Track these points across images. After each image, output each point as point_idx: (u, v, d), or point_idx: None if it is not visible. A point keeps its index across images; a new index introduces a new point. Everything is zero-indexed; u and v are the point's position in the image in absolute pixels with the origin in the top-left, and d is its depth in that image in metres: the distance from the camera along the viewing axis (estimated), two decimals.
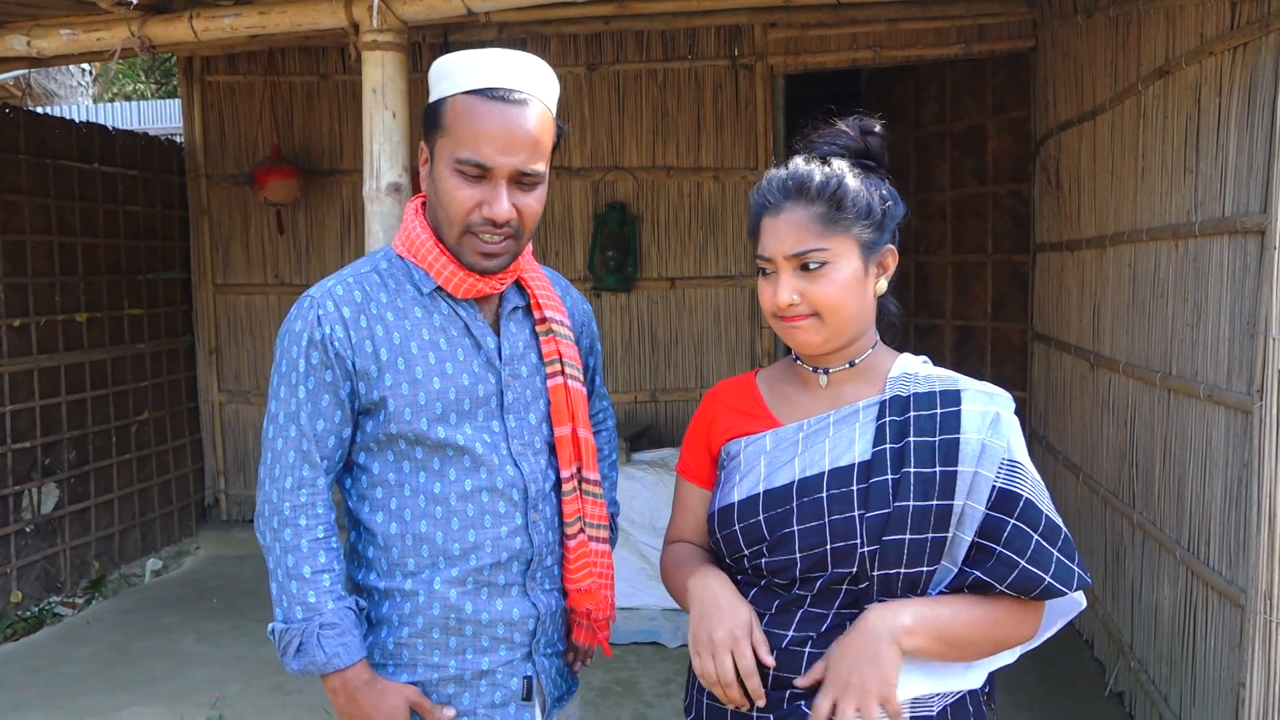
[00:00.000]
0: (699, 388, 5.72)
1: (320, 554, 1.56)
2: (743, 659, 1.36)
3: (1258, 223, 2.43)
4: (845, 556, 1.37)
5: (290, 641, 1.54)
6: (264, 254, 5.91)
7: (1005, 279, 5.69)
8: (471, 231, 1.53)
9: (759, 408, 1.55)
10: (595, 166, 5.65)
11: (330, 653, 1.52)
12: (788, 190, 1.43)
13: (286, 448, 1.55)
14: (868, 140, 1.49)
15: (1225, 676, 2.66)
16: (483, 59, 1.52)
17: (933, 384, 1.43)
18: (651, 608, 4.40)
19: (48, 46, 3.20)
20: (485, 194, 1.51)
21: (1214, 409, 2.73)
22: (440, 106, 1.54)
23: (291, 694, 3.88)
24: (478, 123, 1.49)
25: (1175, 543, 3.02)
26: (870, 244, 1.43)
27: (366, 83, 2.94)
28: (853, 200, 1.41)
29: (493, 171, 1.50)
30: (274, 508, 1.56)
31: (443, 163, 1.52)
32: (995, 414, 1.39)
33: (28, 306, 4.77)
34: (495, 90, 1.50)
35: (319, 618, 1.52)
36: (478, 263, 1.55)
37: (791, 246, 1.40)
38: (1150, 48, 3.28)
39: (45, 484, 4.88)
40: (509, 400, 1.61)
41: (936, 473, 1.35)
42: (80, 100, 10.09)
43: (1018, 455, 1.37)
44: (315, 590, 1.54)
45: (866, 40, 5.29)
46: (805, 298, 1.41)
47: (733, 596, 1.42)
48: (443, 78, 1.54)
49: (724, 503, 1.49)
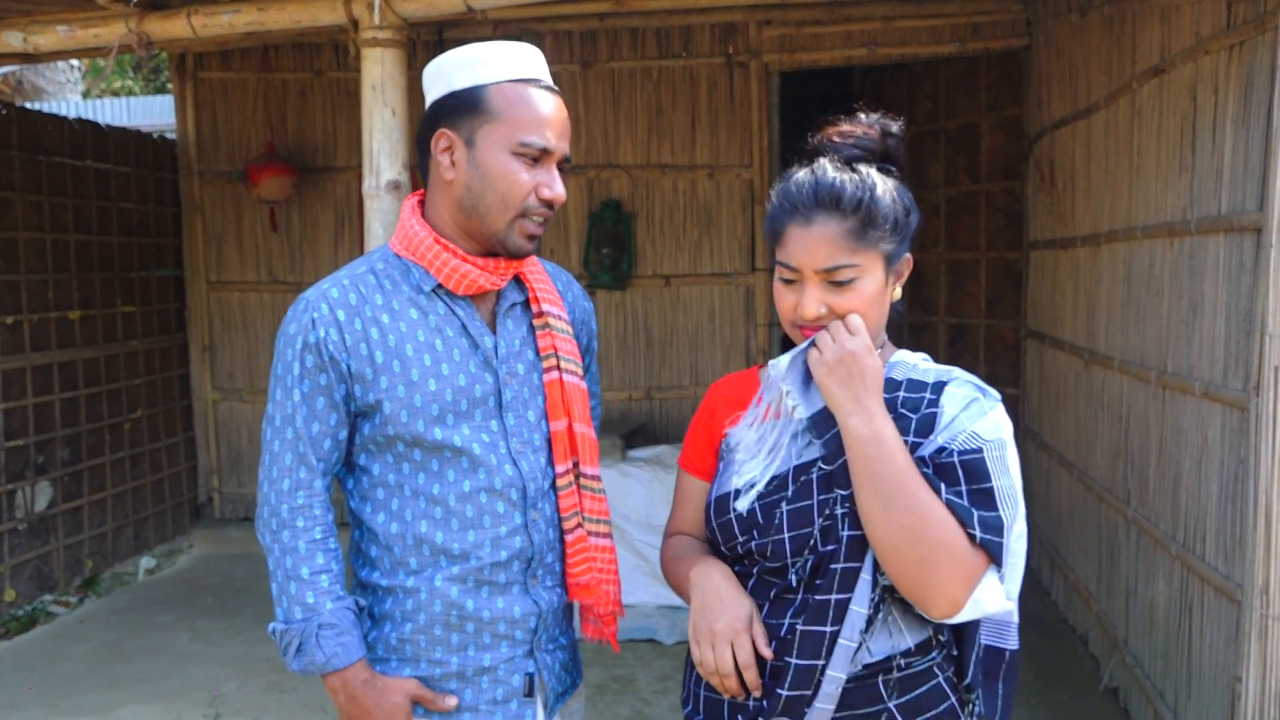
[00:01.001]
0: (694, 385, 5.73)
1: (318, 555, 1.57)
2: (742, 651, 1.37)
3: (1254, 220, 2.45)
4: (830, 531, 1.39)
5: (290, 642, 1.56)
6: (257, 251, 5.89)
7: (999, 276, 5.71)
8: (525, 214, 1.56)
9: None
10: (590, 164, 5.65)
11: (329, 653, 1.53)
12: (820, 200, 1.41)
13: (283, 450, 1.57)
14: (888, 142, 1.48)
15: (1221, 672, 2.68)
16: (518, 51, 1.58)
17: (929, 375, 1.45)
18: (648, 605, 4.41)
19: (45, 43, 3.19)
20: (541, 177, 1.55)
21: (1210, 406, 2.75)
22: (480, 93, 1.54)
23: (288, 691, 3.87)
24: (539, 108, 1.55)
25: (1170, 539, 3.04)
26: (893, 255, 1.44)
27: (366, 80, 2.94)
28: (884, 216, 1.41)
29: (551, 155, 1.56)
30: (272, 510, 1.58)
31: (496, 147, 1.53)
32: (974, 399, 1.39)
33: (20, 304, 4.75)
34: (540, 80, 1.58)
35: (317, 618, 1.54)
36: (524, 246, 1.58)
37: (823, 261, 1.40)
38: (1145, 46, 3.30)
39: (38, 482, 4.86)
40: (507, 398, 1.61)
41: (908, 441, 1.37)
42: (69, 97, 10.05)
43: (987, 435, 1.36)
44: (313, 590, 1.55)
45: (861, 38, 5.30)
46: (831, 310, 1.41)
47: (734, 588, 1.43)
48: (474, 65, 1.55)
49: (721, 491, 1.51)
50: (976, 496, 1.33)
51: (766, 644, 1.39)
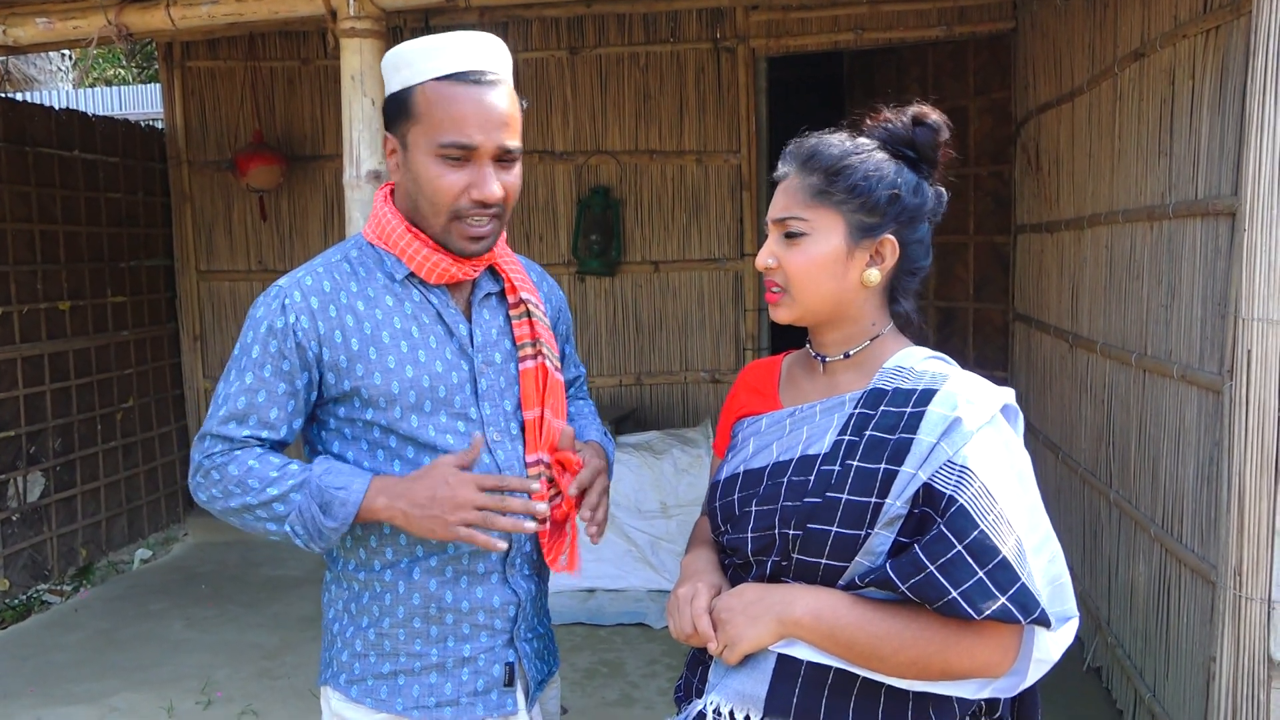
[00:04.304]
0: (683, 371, 5.75)
1: (270, 457, 1.54)
2: (697, 599, 1.38)
3: (1228, 205, 2.46)
4: (784, 544, 1.37)
5: (309, 515, 1.50)
6: (247, 240, 5.90)
7: (987, 260, 5.72)
8: (459, 217, 1.53)
9: (770, 389, 1.56)
10: (578, 150, 5.65)
11: (344, 483, 1.50)
12: (797, 157, 1.43)
13: (220, 426, 1.54)
14: (916, 131, 1.43)
15: (1197, 651, 2.71)
16: (446, 44, 1.52)
17: (919, 381, 1.35)
18: (638, 589, 4.44)
19: (24, 35, 3.18)
20: (471, 177, 1.52)
21: (1187, 389, 2.77)
22: (408, 95, 1.53)
23: (279, 678, 3.91)
24: (457, 107, 1.50)
25: (1150, 520, 3.07)
26: (862, 227, 1.38)
27: (345, 70, 2.94)
28: (847, 176, 1.37)
29: (477, 152, 1.51)
30: (201, 465, 1.55)
31: (421, 151, 1.52)
32: (955, 419, 1.28)
33: (9, 295, 4.76)
34: (467, 74, 1.51)
35: (310, 478, 1.51)
36: (466, 247, 1.55)
37: (779, 211, 1.42)
38: (1127, 30, 3.30)
39: (31, 473, 4.88)
40: (483, 387, 1.61)
41: (880, 470, 1.29)
42: (61, 85, 10.02)
43: (973, 463, 1.26)
44: (288, 476, 1.52)
45: (848, 22, 5.30)
46: (781, 265, 1.41)
47: (707, 566, 1.47)
48: (403, 66, 1.53)
49: (714, 480, 1.52)
50: (974, 556, 1.21)
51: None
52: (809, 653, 1.30)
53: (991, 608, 1.20)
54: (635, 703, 3.65)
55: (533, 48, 5.60)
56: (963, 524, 1.22)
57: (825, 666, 1.30)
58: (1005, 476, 1.28)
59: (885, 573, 1.25)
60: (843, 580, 1.31)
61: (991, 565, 1.21)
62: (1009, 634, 1.26)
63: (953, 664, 1.26)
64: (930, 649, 1.25)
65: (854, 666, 1.29)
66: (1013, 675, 1.30)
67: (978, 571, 1.20)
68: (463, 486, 1.48)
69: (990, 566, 1.21)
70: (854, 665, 1.29)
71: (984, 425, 1.30)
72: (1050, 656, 1.29)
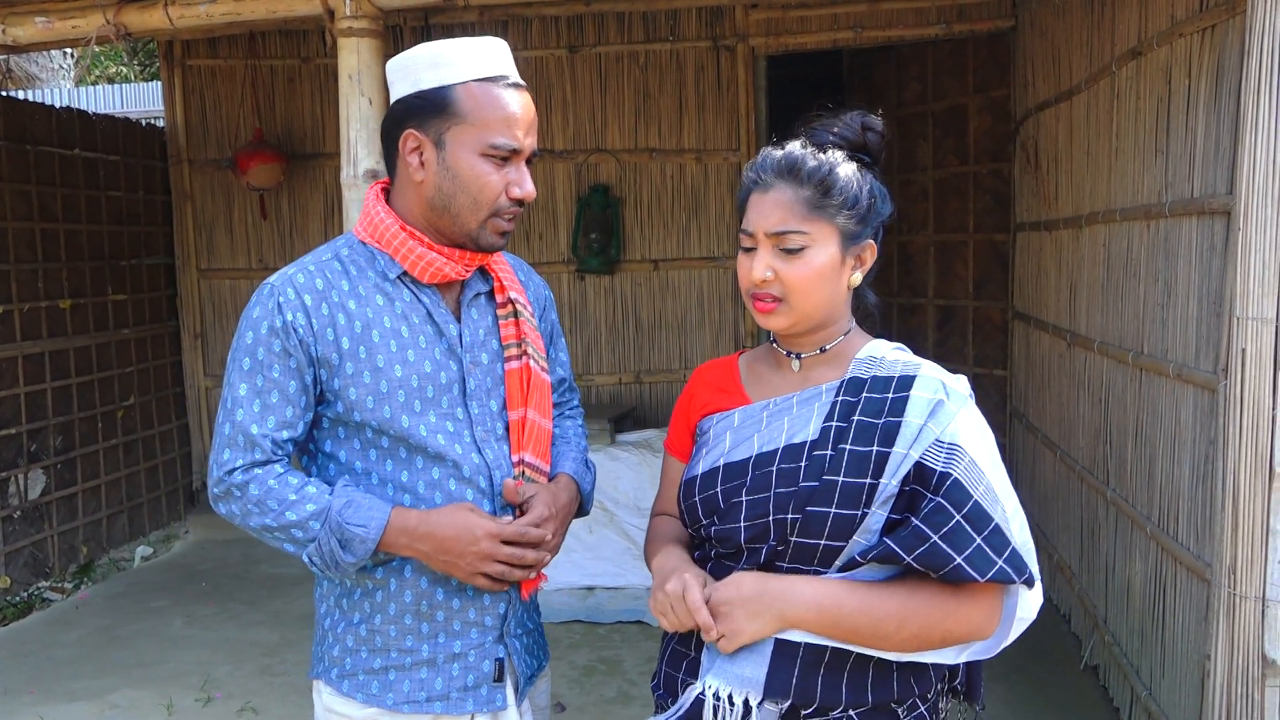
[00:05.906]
0: (683, 369, 5.76)
1: (289, 478, 1.54)
2: (690, 592, 1.39)
3: (1224, 204, 2.47)
4: (780, 529, 1.41)
5: (329, 548, 1.52)
6: (247, 238, 5.92)
7: (986, 258, 5.72)
8: (497, 214, 1.57)
9: (735, 386, 1.59)
10: (578, 149, 5.65)
11: (365, 519, 1.51)
12: (780, 169, 1.45)
13: (234, 433, 1.54)
14: (868, 136, 1.51)
15: (1192, 649, 2.71)
16: (485, 47, 1.56)
17: (894, 369, 1.44)
18: (636, 587, 4.44)
19: (23, 35, 3.19)
20: (509, 176, 1.57)
21: (1183, 387, 2.77)
22: (448, 94, 1.54)
23: (279, 675, 3.92)
24: (507, 108, 1.55)
25: (1146, 519, 3.07)
26: (852, 235, 1.45)
27: (343, 70, 2.95)
28: (841, 189, 1.43)
29: (519, 154, 1.57)
30: (221, 480, 1.55)
31: (467, 149, 1.54)
32: (939, 400, 1.38)
33: (10, 293, 4.77)
34: (506, 77, 1.57)
35: (330, 508, 1.52)
36: (496, 242, 1.60)
37: (775, 225, 1.43)
38: (1124, 28, 3.30)
39: (32, 470, 4.89)
40: (471, 387, 1.62)
41: (872, 452, 1.36)
42: (62, 84, 10.03)
43: (960, 440, 1.35)
44: (308, 500, 1.53)
45: (848, 20, 5.30)
46: (778, 277, 1.43)
47: (677, 563, 1.48)
48: (440, 64, 1.54)
49: (689, 475, 1.54)
50: (972, 524, 1.30)
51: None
52: (805, 634, 1.36)
53: (992, 571, 1.29)
54: (633, 700, 3.65)
55: (532, 46, 5.60)
56: (959, 495, 1.31)
57: (822, 646, 1.36)
58: (988, 451, 1.38)
59: (888, 546, 1.31)
60: (841, 559, 1.37)
61: (988, 531, 1.30)
62: (996, 596, 1.36)
63: (952, 630, 1.34)
64: (931, 619, 1.33)
65: (853, 645, 1.35)
66: (996, 635, 1.39)
67: (976, 538, 1.29)
68: (486, 540, 1.53)
69: (987, 533, 1.30)
70: (855, 646, 1.35)
71: (962, 407, 1.40)
72: (1030, 615, 1.38)
